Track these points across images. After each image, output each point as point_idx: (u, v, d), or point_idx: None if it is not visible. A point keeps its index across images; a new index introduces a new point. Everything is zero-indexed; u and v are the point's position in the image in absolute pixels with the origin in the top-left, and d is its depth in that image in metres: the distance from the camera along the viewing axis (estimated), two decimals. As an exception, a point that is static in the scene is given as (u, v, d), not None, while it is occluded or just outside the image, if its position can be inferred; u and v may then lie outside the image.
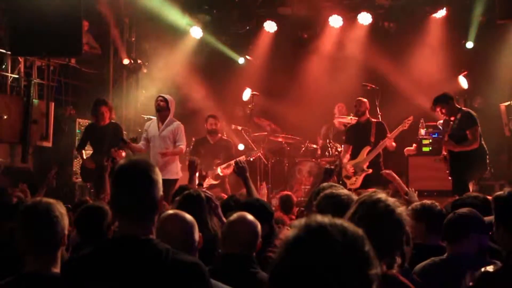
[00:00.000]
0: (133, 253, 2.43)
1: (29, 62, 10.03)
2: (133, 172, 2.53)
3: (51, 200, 3.02)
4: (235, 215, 3.46)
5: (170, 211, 3.16)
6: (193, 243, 3.05)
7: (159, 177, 2.56)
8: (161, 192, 2.55)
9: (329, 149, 10.43)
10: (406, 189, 6.13)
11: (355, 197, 3.08)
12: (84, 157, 8.97)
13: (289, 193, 7.05)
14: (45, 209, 2.94)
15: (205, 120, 9.93)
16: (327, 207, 3.17)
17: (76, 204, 5.65)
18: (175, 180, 8.30)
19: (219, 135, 9.97)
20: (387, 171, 6.70)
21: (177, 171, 8.58)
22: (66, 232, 3.03)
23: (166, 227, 2.96)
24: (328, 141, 10.48)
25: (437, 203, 4.22)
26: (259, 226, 3.42)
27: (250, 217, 3.44)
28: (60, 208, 3.00)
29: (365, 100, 9.26)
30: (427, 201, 4.24)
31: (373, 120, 9.24)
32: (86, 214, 4.13)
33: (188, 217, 3.08)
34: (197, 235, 3.08)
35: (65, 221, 3.00)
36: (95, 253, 2.55)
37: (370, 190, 2.73)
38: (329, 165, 6.79)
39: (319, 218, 1.59)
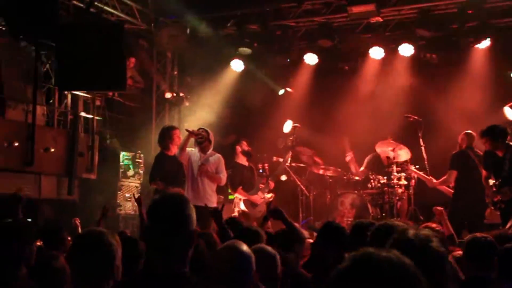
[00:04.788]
0: (167, 287, 2.50)
1: (75, 96, 10.40)
2: (166, 207, 2.62)
3: (104, 230, 3.08)
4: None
5: (229, 242, 3.18)
6: (247, 277, 3.03)
7: (193, 212, 2.65)
8: (194, 226, 2.62)
9: (372, 181, 10.35)
10: (452, 232, 6.28)
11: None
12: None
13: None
14: (97, 238, 2.97)
15: (238, 143, 10.03)
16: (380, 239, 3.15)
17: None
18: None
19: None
20: (439, 208, 6.73)
21: (214, 201, 8.65)
22: (119, 263, 3.00)
23: (222, 258, 3.03)
24: (370, 172, 10.47)
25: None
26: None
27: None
28: (112, 239, 3.00)
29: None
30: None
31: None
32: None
33: (246, 249, 3.10)
34: (253, 267, 3.05)
35: (118, 252, 2.99)
36: (129, 285, 2.64)
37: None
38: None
39: (370, 249, 1.64)
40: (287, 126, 11.15)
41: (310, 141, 11.54)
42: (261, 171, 10.55)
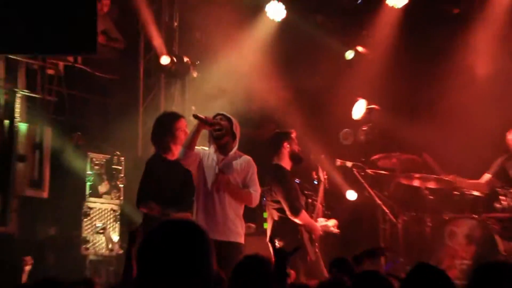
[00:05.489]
0: None
1: (12, 63, 9.96)
2: (168, 244, 2.75)
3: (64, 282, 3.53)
4: None
5: None
6: None
7: (211, 249, 2.79)
8: (212, 265, 2.77)
9: (501, 198, 9.65)
10: None
11: None
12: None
13: None
14: None
15: (288, 138, 9.12)
16: None
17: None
18: (238, 245, 7.94)
19: None
20: None
21: (241, 233, 8.03)
22: None
23: None
24: (499, 185, 9.91)
25: None
26: None
27: None
28: None
29: None
30: None
31: None
32: None
33: None
34: None
35: None
36: None
37: None
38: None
39: None
40: (359, 109, 11.03)
41: (395, 133, 11.14)
42: (315, 182, 9.76)
